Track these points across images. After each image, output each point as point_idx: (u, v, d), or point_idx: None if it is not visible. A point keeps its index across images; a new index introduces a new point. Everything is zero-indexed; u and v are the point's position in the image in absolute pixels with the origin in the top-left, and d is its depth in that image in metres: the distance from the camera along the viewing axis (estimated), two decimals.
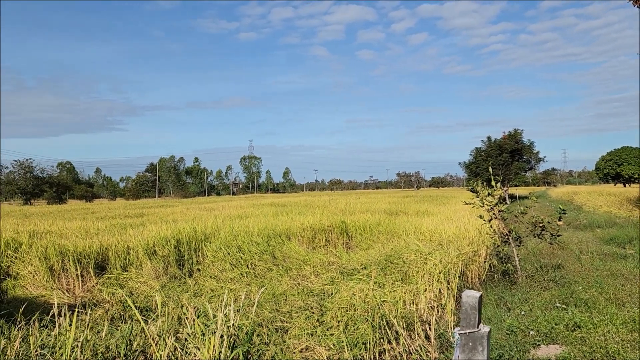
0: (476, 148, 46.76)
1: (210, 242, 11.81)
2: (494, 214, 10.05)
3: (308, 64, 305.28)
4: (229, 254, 10.96)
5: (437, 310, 6.98)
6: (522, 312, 7.34)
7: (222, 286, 9.17)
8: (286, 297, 7.84)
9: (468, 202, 10.47)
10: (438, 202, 30.44)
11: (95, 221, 20.06)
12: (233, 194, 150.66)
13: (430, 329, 5.97)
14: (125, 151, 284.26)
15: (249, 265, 10.46)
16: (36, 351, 4.03)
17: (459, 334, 2.58)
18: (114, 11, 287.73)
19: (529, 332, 6.46)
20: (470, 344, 2.52)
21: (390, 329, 5.60)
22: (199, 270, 10.68)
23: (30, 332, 4.40)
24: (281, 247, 11.62)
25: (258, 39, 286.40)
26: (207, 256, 11.11)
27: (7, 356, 4.03)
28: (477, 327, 2.53)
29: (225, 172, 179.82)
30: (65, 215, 26.20)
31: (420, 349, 5.62)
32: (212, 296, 8.45)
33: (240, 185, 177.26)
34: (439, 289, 7.28)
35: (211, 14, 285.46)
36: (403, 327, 5.70)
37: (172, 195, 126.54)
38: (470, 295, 2.59)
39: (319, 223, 14.33)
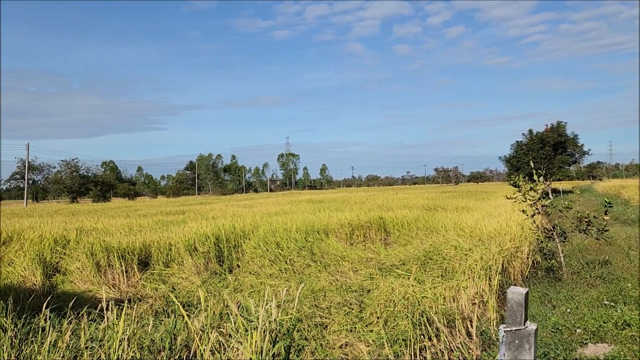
0: (517, 142, 45.72)
1: (249, 239, 11.95)
2: (536, 208, 9.79)
3: (343, 61, 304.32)
4: (267, 250, 11.07)
5: (479, 307, 6.87)
6: (568, 310, 7.13)
7: (261, 282, 9.27)
8: (325, 293, 7.86)
9: (510, 197, 10.24)
10: (477, 198, 29.90)
11: (138, 218, 20.60)
12: (270, 190, 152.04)
13: (471, 326, 5.87)
14: (165, 150, 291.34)
15: (288, 262, 10.53)
16: (85, 344, 4.18)
17: (504, 332, 2.52)
18: (153, 13, 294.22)
19: (576, 330, 6.27)
20: (517, 341, 2.45)
21: (430, 326, 5.54)
22: (238, 266, 10.84)
23: (79, 326, 4.56)
24: (319, 244, 11.65)
25: (292, 36, 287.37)
26: (247, 252, 11.25)
27: (58, 348, 4.19)
28: (524, 325, 2.47)
29: (262, 170, 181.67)
30: (110, 213, 27.02)
31: (462, 346, 5.53)
32: (251, 292, 8.56)
33: (278, 182, 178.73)
34: (481, 286, 7.15)
35: (247, 13, 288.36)
36: (444, 324, 5.62)
37: (211, 192, 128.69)
38: (516, 292, 2.52)
39: (357, 219, 14.30)
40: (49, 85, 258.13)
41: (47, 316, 4.85)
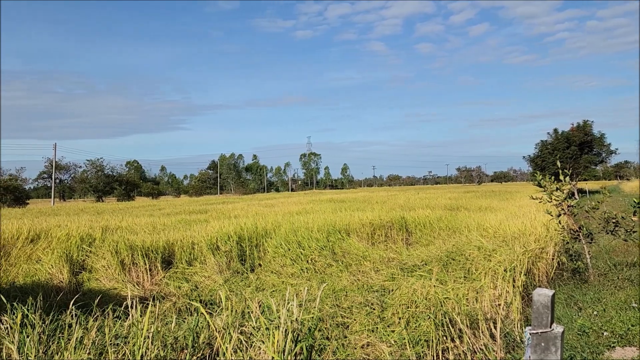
0: (542, 141, 44.97)
1: (270, 238, 12.00)
2: (562, 209, 9.62)
3: (365, 60, 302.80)
4: (289, 249, 11.10)
5: (503, 309, 6.77)
6: (595, 312, 6.99)
7: (283, 281, 9.30)
8: (346, 292, 7.84)
9: (535, 197, 10.07)
10: (501, 198, 29.51)
11: (162, 217, 20.87)
12: (292, 190, 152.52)
13: (495, 327, 5.79)
14: (188, 149, 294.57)
15: (309, 261, 10.54)
16: (110, 341, 4.25)
17: (530, 334, 2.48)
18: (177, 14, 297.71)
19: (603, 333, 6.14)
20: (543, 344, 2.41)
21: (453, 327, 5.49)
22: (260, 265, 10.89)
23: (105, 323, 4.64)
24: (341, 243, 11.64)
25: (314, 36, 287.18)
26: (268, 252, 11.30)
27: (84, 345, 4.27)
28: (550, 327, 2.42)
29: (284, 169, 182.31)
30: (134, 212, 27.42)
31: (485, 347, 5.46)
32: (273, 291, 8.59)
33: (299, 182, 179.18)
34: (504, 287, 7.05)
35: (269, 13, 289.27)
36: (467, 325, 5.56)
37: (233, 191, 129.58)
38: (542, 294, 2.47)
39: (378, 219, 14.24)
40: (76, 86, 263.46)
41: (74, 313, 4.94)
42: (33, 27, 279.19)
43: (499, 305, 6.80)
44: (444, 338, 5.39)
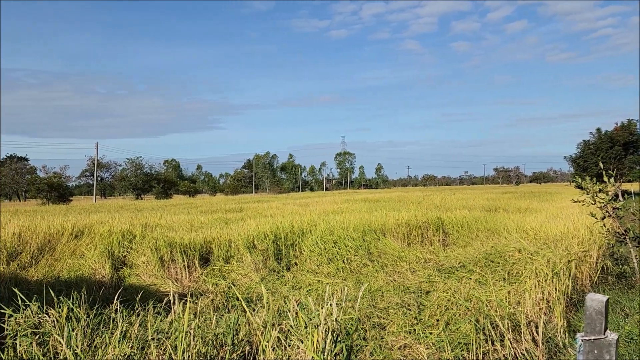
0: (584, 141, 43.72)
1: (306, 237, 12.02)
2: (607, 211, 9.30)
3: (399, 59, 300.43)
4: (325, 249, 11.11)
5: (545, 313, 6.59)
6: None
7: (319, 280, 9.31)
8: (382, 293, 7.79)
9: (577, 200, 9.77)
10: (541, 199, 28.78)
11: (199, 215, 21.20)
12: (326, 189, 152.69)
13: (537, 332, 5.65)
14: (223, 149, 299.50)
15: (345, 261, 10.52)
16: (152, 336, 4.33)
17: (582, 341, 2.39)
18: (214, 15, 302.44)
19: None
20: (596, 351, 2.32)
21: (494, 330, 5.37)
22: (296, 264, 10.93)
23: (147, 318, 4.73)
24: (376, 243, 11.57)
25: (348, 35, 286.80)
26: (304, 251, 11.33)
27: (127, 339, 4.37)
28: (604, 334, 2.33)
29: (319, 168, 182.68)
30: (172, 210, 27.96)
31: (527, 352, 5.33)
32: (309, 290, 8.60)
33: (333, 181, 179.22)
34: (547, 291, 6.85)
35: (304, 14, 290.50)
36: (508, 329, 5.44)
37: (268, 190, 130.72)
38: (596, 299, 2.38)
39: (414, 219, 14.08)
40: (117, 87, 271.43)
41: (117, 308, 5.06)
42: (78, 29, 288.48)
43: (541, 309, 6.62)
44: (484, 342, 5.28)
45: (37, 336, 4.67)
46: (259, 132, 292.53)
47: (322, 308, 3.86)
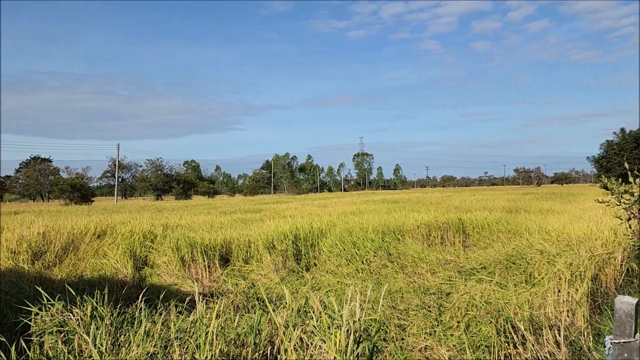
0: (607, 141, 43.04)
1: (326, 238, 12.04)
2: (632, 213, 9.11)
3: (419, 59, 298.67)
4: (344, 249, 11.10)
5: (567, 315, 6.50)
6: None
7: (338, 281, 9.31)
8: (402, 294, 7.77)
9: (601, 201, 9.61)
10: (563, 200, 28.36)
11: (218, 216, 21.37)
12: (344, 190, 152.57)
13: (559, 334, 5.58)
14: (242, 149, 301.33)
15: (364, 261, 10.50)
16: (175, 335, 4.39)
17: (611, 344, 2.36)
18: (232, 16, 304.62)
19: None
20: (625, 354, 2.28)
21: (515, 333, 5.32)
22: (315, 264, 10.95)
23: (169, 317, 4.80)
24: (396, 244, 11.53)
25: (367, 36, 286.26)
26: (323, 251, 11.35)
27: (150, 337, 4.43)
28: (634, 337, 2.29)
29: (338, 169, 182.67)
30: (192, 210, 28.23)
31: (550, 355, 5.26)
32: (328, 290, 8.62)
33: (351, 182, 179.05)
34: (570, 293, 6.76)
35: (323, 14, 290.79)
36: (530, 332, 5.38)
37: (286, 191, 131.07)
38: (625, 302, 2.35)
39: (434, 220, 14.01)
40: (137, 88, 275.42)
41: (140, 307, 5.14)
42: (99, 31, 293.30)
43: (563, 312, 6.53)
44: (506, 344, 5.23)
45: (62, 334, 4.76)
46: (277, 132, 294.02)
47: (344, 309, 3.87)
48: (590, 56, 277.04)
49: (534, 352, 5.23)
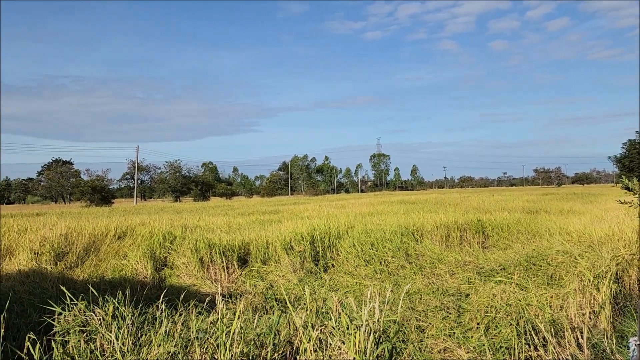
0: (629, 140, 42.30)
1: (343, 239, 12.04)
2: None
3: (436, 59, 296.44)
4: (362, 250, 11.09)
5: (590, 318, 6.40)
6: None
7: (356, 282, 9.30)
8: (421, 295, 7.73)
9: (623, 201, 9.45)
10: (584, 200, 27.92)
11: (236, 217, 21.50)
12: (361, 191, 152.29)
13: (582, 337, 5.50)
14: (259, 151, 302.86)
15: (382, 262, 10.48)
16: (195, 335, 4.43)
17: (636, 345, 2.33)
18: (249, 19, 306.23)
19: None
20: None
21: (536, 335, 5.25)
22: (333, 266, 10.95)
23: (189, 318, 4.85)
24: (414, 245, 11.47)
25: (384, 36, 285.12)
26: (341, 252, 11.34)
27: (171, 337, 4.49)
28: None
29: (355, 170, 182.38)
30: (210, 212, 28.43)
31: (572, 357, 5.19)
32: (346, 291, 8.61)
33: (369, 183, 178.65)
34: (592, 295, 6.66)
35: (339, 16, 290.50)
36: (551, 334, 5.31)
37: (303, 192, 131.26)
38: None
39: (453, 221, 13.91)
40: (155, 91, 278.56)
41: (161, 307, 5.20)
42: (118, 35, 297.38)
43: (586, 314, 6.44)
44: (527, 346, 5.17)
45: (85, 334, 4.85)
46: (294, 134, 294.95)
47: (363, 310, 3.87)
48: (611, 54, 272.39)
49: (556, 354, 5.16)
